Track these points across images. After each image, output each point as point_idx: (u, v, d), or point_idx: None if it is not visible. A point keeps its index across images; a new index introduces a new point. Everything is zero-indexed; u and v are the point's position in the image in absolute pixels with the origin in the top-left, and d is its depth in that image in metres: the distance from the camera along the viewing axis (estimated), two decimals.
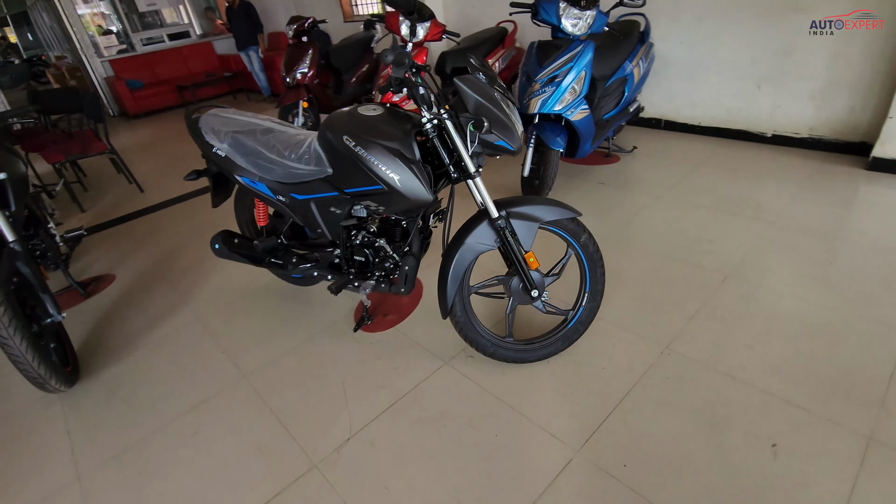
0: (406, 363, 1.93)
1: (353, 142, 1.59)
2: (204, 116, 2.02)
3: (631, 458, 1.45)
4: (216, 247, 2.17)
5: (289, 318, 2.29)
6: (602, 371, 1.78)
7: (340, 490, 1.47)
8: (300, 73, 4.58)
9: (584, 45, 2.74)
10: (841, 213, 2.58)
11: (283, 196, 1.89)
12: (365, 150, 1.57)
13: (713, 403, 1.60)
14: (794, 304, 1.98)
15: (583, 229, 1.73)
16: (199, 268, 2.84)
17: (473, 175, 1.56)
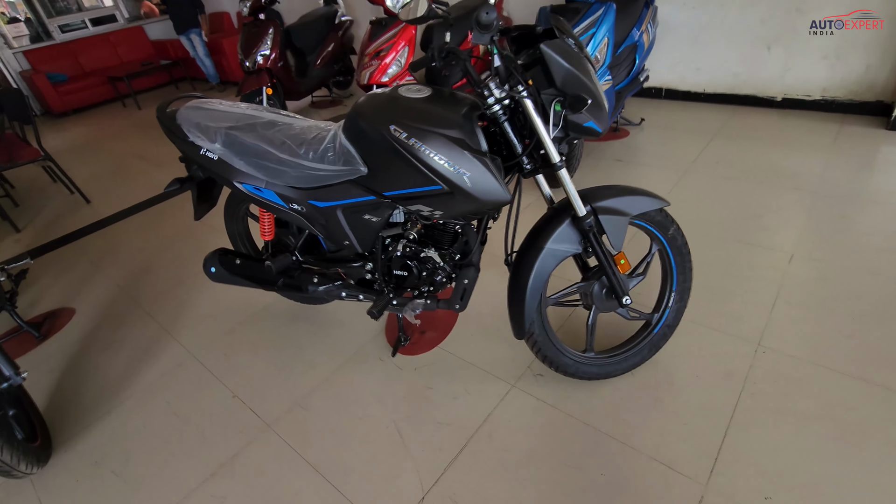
0: (465, 390, 1.64)
1: (403, 132, 1.25)
2: (183, 110, 1.61)
3: (771, 488, 1.24)
4: (212, 270, 1.78)
5: (305, 346, 1.93)
6: (698, 380, 1.55)
7: None
8: (261, 56, 4.06)
9: (605, 8, 2.46)
10: (881, 177, 2.48)
11: (297, 204, 1.52)
12: (422, 142, 1.23)
13: (834, 407, 1.41)
14: (873, 281, 1.83)
15: (670, 220, 1.47)
16: (177, 290, 2.40)
17: (558, 166, 1.26)
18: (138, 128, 5.48)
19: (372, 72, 3.04)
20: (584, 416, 1.49)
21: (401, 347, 1.84)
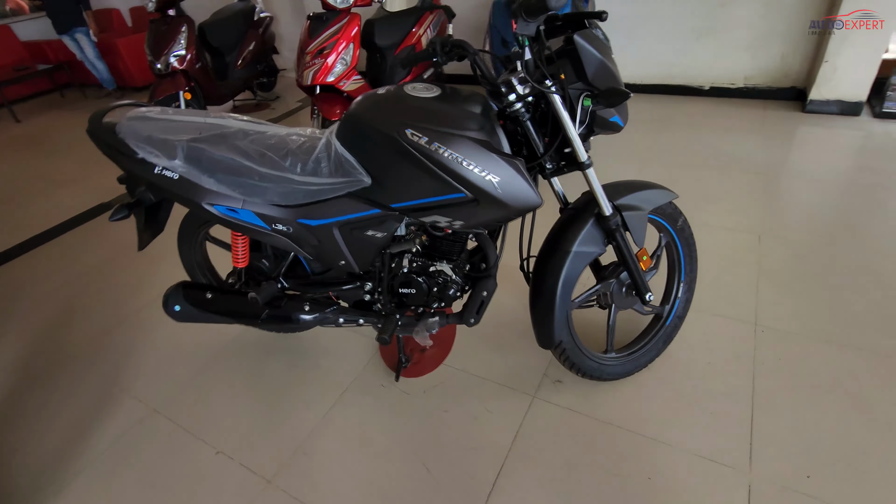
0: (484, 409, 1.53)
1: (423, 136, 1.11)
2: (124, 122, 1.34)
3: (809, 466, 1.27)
4: (176, 309, 1.51)
5: (292, 382, 1.71)
6: (710, 366, 1.58)
7: None
8: (175, 57, 3.63)
9: None
10: (810, 155, 2.72)
11: (283, 224, 1.33)
12: (446, 145, 1.10)
13: (842, 377, 1.49)
14: (835, 252, 1.98)
15: (679, 212, 1.47)
16: (117, 331, 2.04)
17: (586, 164, 1.19)
18: (23, 143, 4.68)
19: (315, 71, 2.80)
20: (614, 418, 1.45)
21: (403, 370, 1.69)
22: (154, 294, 2.24)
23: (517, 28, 1.00)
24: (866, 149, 2.73)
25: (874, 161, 2.60)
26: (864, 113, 3.02)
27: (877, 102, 2.97)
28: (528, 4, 0.97)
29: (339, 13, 2.83)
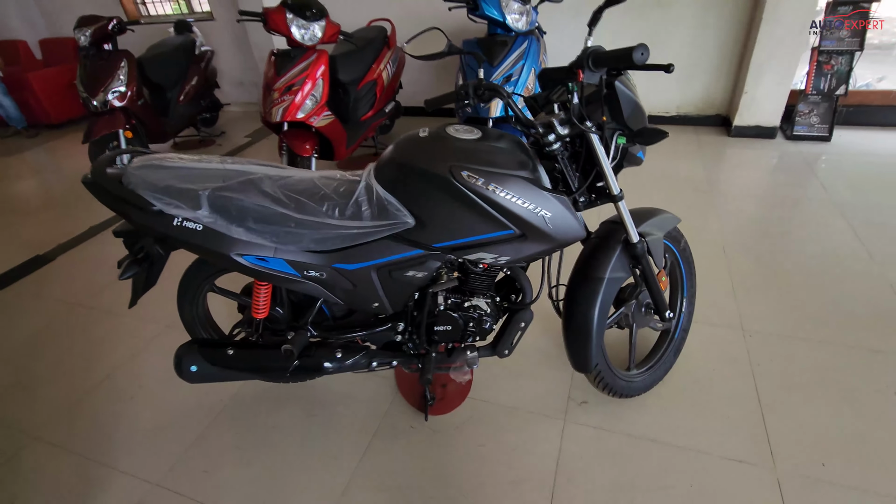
0: (520, 439, 1.54)
1: (480, 178, 1.14)
2: (132, 171, 1.25)
3: (821, 455, 1.41)
4: (193, 370, 1.40)
5: (313, 435, 1.62)
6: (714, 372, 1.71)
7: None
8: (114, 94, 3.38)
9: (528, 41, 2.62)
10: (742, 173, 3.08)
11: (316, 271, 1.29)
12: (500, 185, 1.14)
13: (827, 372, 1.68)
14: (791, 258, 2.25)
15: (681, 234, 1.61)
16: (86, 403, 1.81)
17: (619, 196, 1.28)
18: None
19: (285, 108, 2.74)
20: (643, 432, 1.53)
21: (430, 408, 1.66)
22: (121, 355, 2.02)
23: (585, 77, 1.07)
24: (784, 166, 3.14)
25: (792, 176, 3.00)
26: (779, 136, 3.49)
27: (787, 126, 3.45)
28: (599, 56, 1.05)
29: (305, 50, 2.81)
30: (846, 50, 3.11)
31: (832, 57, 3.16)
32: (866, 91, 3.49)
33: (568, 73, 1.13)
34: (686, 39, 3.49)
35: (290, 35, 2.74)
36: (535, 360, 1.82)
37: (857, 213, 2.54)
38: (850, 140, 3.34)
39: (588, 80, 1.08)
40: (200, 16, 4.99)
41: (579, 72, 1.08)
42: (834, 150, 3.25)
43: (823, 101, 3.27)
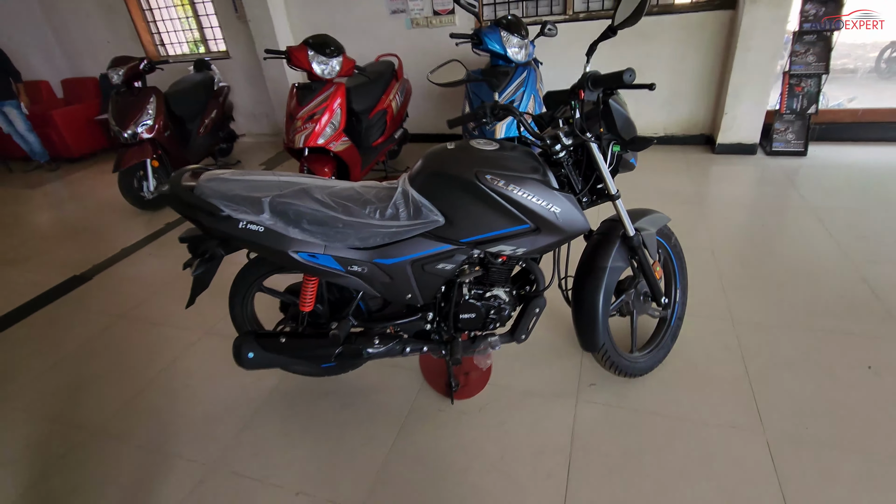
0: (537, 417, 1.73)
1: (500, 180, 1.37)
2: (202, 184, 1.47)
3: (805, 419, 1.60)
4: (250, 356, 1.59)
5: (348, 421, 1.79)
6: (709, 357, 1.91)
7: None
8: (144, 127, 3.65)
9: (527, 71, 2.91)
10: (727, 186, 3.34)
11: (358, 266, 1.50)
12: (519, 186, 1.37)
13: (808, 353, 1.88)
14: (772, 258, 2.48)
15: (671, 232, 1.84)
16: (140, 399, 1.99)
17: (616, 196, 1.52)
18: None
19: (307, 135, 3.00)
20: (648, 407, 1.71)
21: (454, 393, 1.84)
22: (166, 359, 2.20)
23: (585, 95, 1.32)
24: (765, 178, 3.41)
25: (773, 187, 3.26)
26: (759, 152, 3.78)
27: (766, 143, 3.74)
28: (597, 78, 1.30)
29: (325, 83, 3.09)
30: (814, 73, 3.43)
31: (802, 79, 3.47)
32: (836, 110, 3.80)
33: (571, 94, 1.37)
34: (669, 66, 3.82)
35: (311, 70, 3.03)
36: (547, 350, 2.01)
37: (832, 218, 2.79)
38: (824, 154, 3.63)
39: (588, 98, 1.33)
40: (217, 55, 5.34)
41: (581, 91, 1.33)
42: (810, 163, 3.53)
43: (797, 119, 3.57)
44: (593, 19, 3.91)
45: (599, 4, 3.96)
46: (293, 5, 4.65)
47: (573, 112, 1.36)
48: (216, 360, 2.16)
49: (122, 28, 5.48)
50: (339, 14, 4.52)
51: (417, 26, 4.37)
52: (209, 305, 2.47)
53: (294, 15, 4.69)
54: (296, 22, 4.72)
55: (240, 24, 4.92)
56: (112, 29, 5.53)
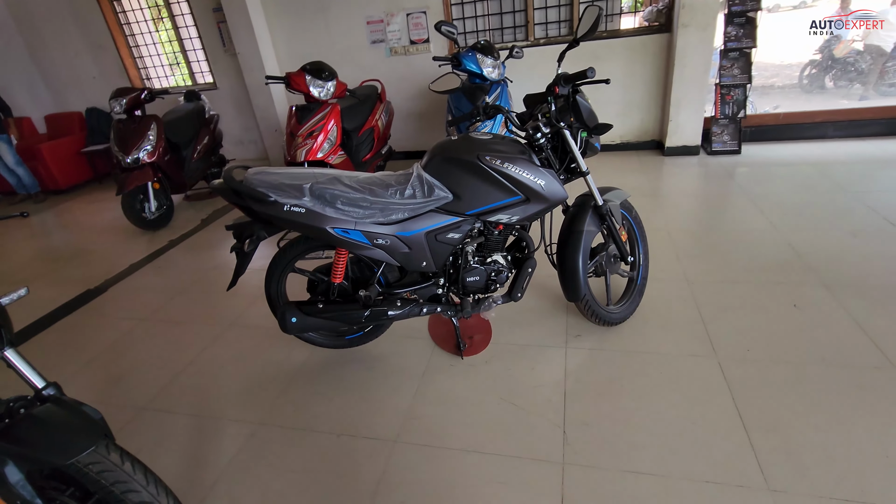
0: (535, 361, 2.06)
1: (498, 159, 1.75)
2: (249, 177, 1.78)
3: (746, 344, 2.00)
4: (293, 321, 1.88)
5: (373, 379, 2.08)
6: (669, 305, 2.31)
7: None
8: (145, 152, 3.90)
9: (501, 86, 3.36)
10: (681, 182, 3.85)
11: (382, 239, 1.83)
12: (512, 163, 1.75)
13: (746, 298, 2.30)
14: (717, 234, 2.94)
15: (631, 205, 2.25)
16: (182, 379, 2.21)
17: (586, 172, 1.92)
18: None
19: (308, 150, 3.33)
20: (625, 347, 2.08)
21: (463, 351, 2.16)
22: (198, 348, 2.43)
23: (559, 90, 1.72)
24: (708, 174, 3.94)
25: (715, 180, 3.79)
26: (701, 153, 4.34)
27: (707, 145, 4.31)
28: (567, 76, 1.71)
29: (321, 104, 3.46)
30: (739, 83, 4.04)
31: (731, 89, 4.07)
32: (762, 114, 4.43)
33: (547, 91, 1.78)
34: (621, 83, 4.37)
35: (308, 92, 3.39)
36: (537, 313, 2.37)
37: (763, 202, 3.30)
38: (755, 152, 4.21)
39: (561, 93, 1.74)
40: (205, 86, 5.64)
41: (556, 88, 1.73)
42: (744, 160, 4.10)
43: (730, 123, 4.15)
44: (552, 44, 4.46)
45: (556, 32, 4.52)
46: (279, 39, 5.04)
47: (549, 106, 1.77)
48: (244, 346, 2.41)
49: (110, 63, 5.72)
50: (323, 45, 4.93)
51: (396, 54, 4.82)
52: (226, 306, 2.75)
53: (280, 48, 5.08)
54: (282, 54, 5.10)
55: (227, 57, 5.26)
56: (99, 65, 5.76)
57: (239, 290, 2.09)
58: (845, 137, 4.21)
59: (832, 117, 4.23)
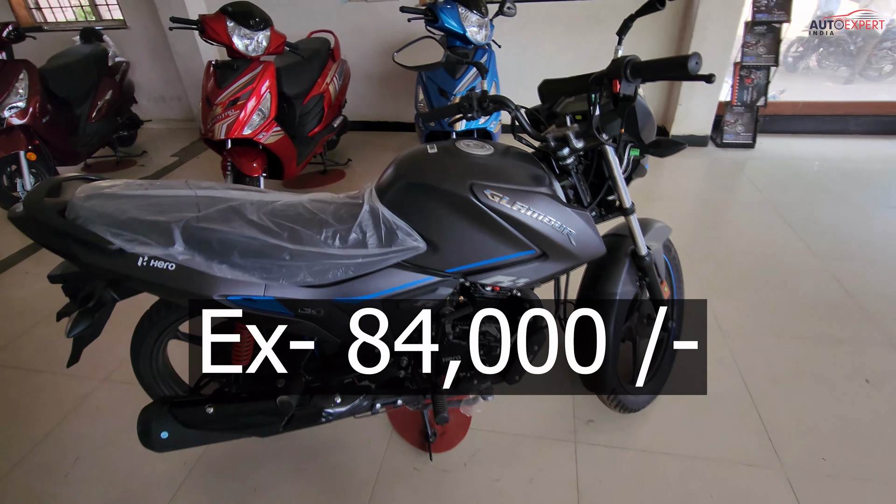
0: (534, 467, 1.46)
1: (504, 195, 1.05)
2: (79, 203, 1.03)
3: (820, 447, 1.47)
4: (164, 437, 1.17)
5: (304, 492, 1.43)
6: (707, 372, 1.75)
7: None
8: (13, 110, 2.93)
9: (489, 53, 2.60)
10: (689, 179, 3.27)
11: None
12: (526, 203, 1.07)
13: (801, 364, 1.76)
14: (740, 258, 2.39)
15: (671, 243, 1.63)
16: (12, 480, 1.48)
17: (630, 209, 1.26)
18: None
19: (229, 124, 2.49)
20: (654, 446, 1.51)
21: (432, 445, 1.53)
22: (48, 421, 1.69)
23: (621, 88, 1.03)
24: (719, 171, 3.38)
25: (729, 181, 3.23)
26: (710, 144, 3.76)
27: (717, 135, 3.73)
28: (638, 66, 1.01)
29: (250, 61, 2.59)
30: (763, 65, 3.43)
31: (752, 71, 3.46)
32: (779, 102, 3.86)
33: (594, 84, 1.08)
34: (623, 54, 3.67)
35: (232, 45, 2.51)
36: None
37: (791, 213, 2.77)
38: (770, 146, 3.67)
39: (624, 91, 1.04)
40: (111, 24, 4.48)
41: (615, 82, 1.03)
42: (758, 155, 3.55)
43: (746, 111, 3.57)
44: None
45: None
46: None
47: (592, 108, 1.07)
48: (120, 417, 1.68)
49: None
50: None
51: (355, 0, 3.89)
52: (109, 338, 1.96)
53: None
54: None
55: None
56: None
57: (127, 308, 1.34)
58: (868, 134, 3.72)
59: (855, 110, 3.72)
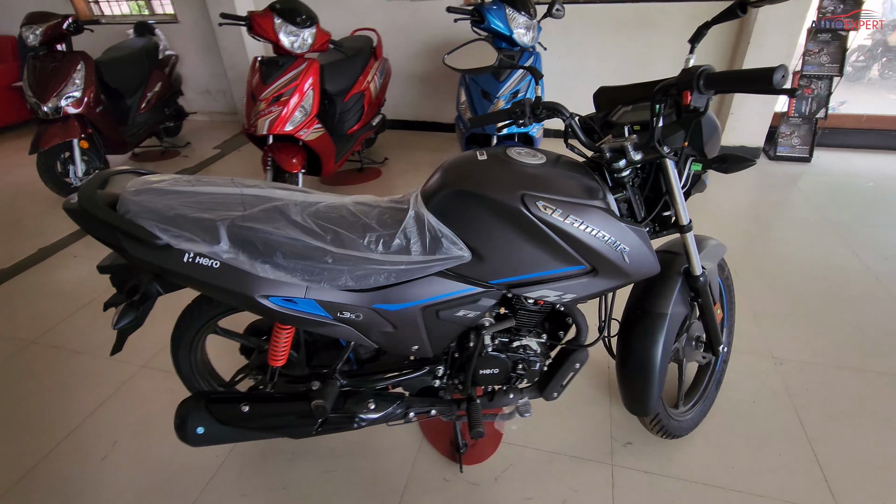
0: (568, 488, 1.40)
1: (557, 208, 1.00)
2: (129, 198, 1.03)
3: (881, 493, 1.36)
4: (199, 432, 1.17)
5: (331, 495, 1.41)
6: (756, 405, 1.64)
7: None
8: (69, 100, 3.04)
9: (535, 55, 2.54)
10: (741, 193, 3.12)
11: (351, 312, 1.11)
12: (580, 217, 1.01)
13: (863, 400, 1.64)
14: (797, 280, 2.25)
15: (725, 263, 1.54)
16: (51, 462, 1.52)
17: (688, 227, 1.18)
18: None
19: (272, 120, 2.52)
20: (696, 475, 1.42)
21: (462, 456, 1.49)
22: (87, 405, 1.73)
23: (692, 100, 0.96)
24: (773, 186, 3.20)
25: (783, 196, 3.06)
26: (762, 157, 3.58)
27: (770, 147, 3.54)
28: (713, 77, 0.94)
29: (295, 58, 2.61)
30: (826, 75, 3.24)
31: (812, 81, 3.28)
32: (841, 115, 3.65)
33: (660, 93, 1.01)
34: (672, 59, 3.54)
35: (278, 41, 2.53)
36: (569, 395, 1.69)
37: (851, 234, 2.60)
38: (828, 161, 3.47)
39: (695, 103, 0.97)
40: (163, 18, 4.63)
41: (686, 93, 0.97)
42: (815, 170, 3.36)
43: (804, 123, 3.38)
44: (608, 1, 3.54)
45: None
46: None
47: (655, 119, 1.01)
48: (156, 405, 1.71)
49: None
50: None
51: None
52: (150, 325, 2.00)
53: None
54: None
55: None
56: None
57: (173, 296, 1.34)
58: None
59: None
